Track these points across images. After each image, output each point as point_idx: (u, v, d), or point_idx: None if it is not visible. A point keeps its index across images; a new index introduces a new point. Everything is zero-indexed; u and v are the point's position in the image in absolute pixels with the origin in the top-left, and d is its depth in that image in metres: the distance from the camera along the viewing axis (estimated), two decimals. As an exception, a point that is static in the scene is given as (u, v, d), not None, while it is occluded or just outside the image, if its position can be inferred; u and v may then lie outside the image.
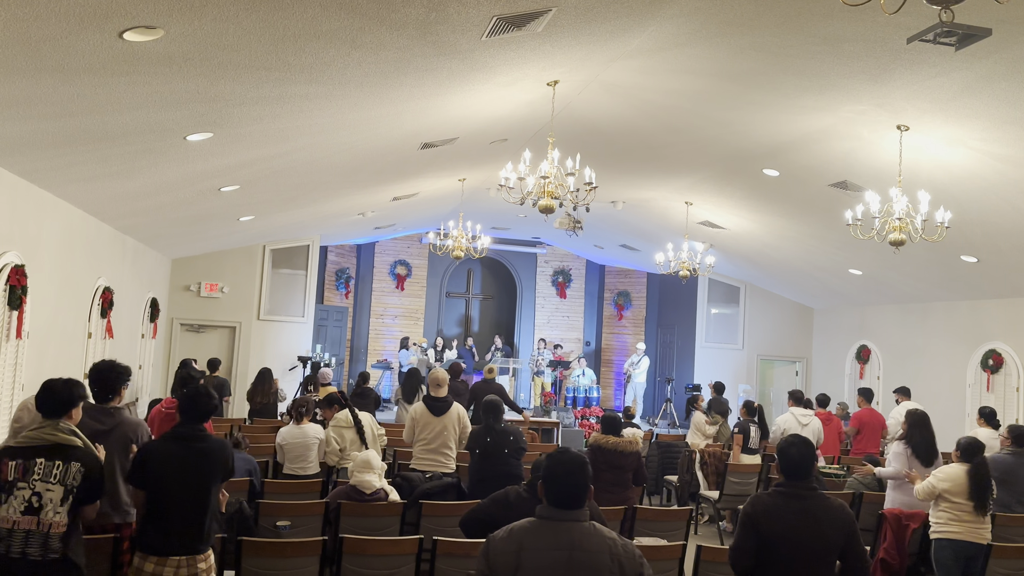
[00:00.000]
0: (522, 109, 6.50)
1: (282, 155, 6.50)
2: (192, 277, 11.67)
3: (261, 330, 12.02)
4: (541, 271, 16.61)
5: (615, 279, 16.71)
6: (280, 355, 12.08)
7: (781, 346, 13.93)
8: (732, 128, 6.57)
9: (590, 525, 2.41)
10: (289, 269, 12.52)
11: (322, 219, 11.02)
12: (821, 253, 10.22)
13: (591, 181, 5.85)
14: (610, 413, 6.20)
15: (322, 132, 6.01)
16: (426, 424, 5.79)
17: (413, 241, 15.90)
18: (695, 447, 8.08)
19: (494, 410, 5.54)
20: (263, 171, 6.99)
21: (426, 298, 15.98)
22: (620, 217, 11.32)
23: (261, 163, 6.62)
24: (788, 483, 3.16)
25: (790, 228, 9.48)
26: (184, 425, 3.45)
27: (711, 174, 8.23)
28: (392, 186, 9.22)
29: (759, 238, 10.39)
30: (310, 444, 6.05)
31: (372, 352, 15.51)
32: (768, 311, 13.92)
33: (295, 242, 12.44)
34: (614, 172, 8.65)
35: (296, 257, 12.58)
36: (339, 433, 6.07)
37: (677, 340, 14.93)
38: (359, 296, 15.69)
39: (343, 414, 6.16)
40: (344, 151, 6.87)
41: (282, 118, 5.34)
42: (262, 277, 12.06)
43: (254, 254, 12.02)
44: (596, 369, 15.89)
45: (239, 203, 8.36)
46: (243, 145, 5.88)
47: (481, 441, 5.40)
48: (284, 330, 12.30)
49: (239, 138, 5.66)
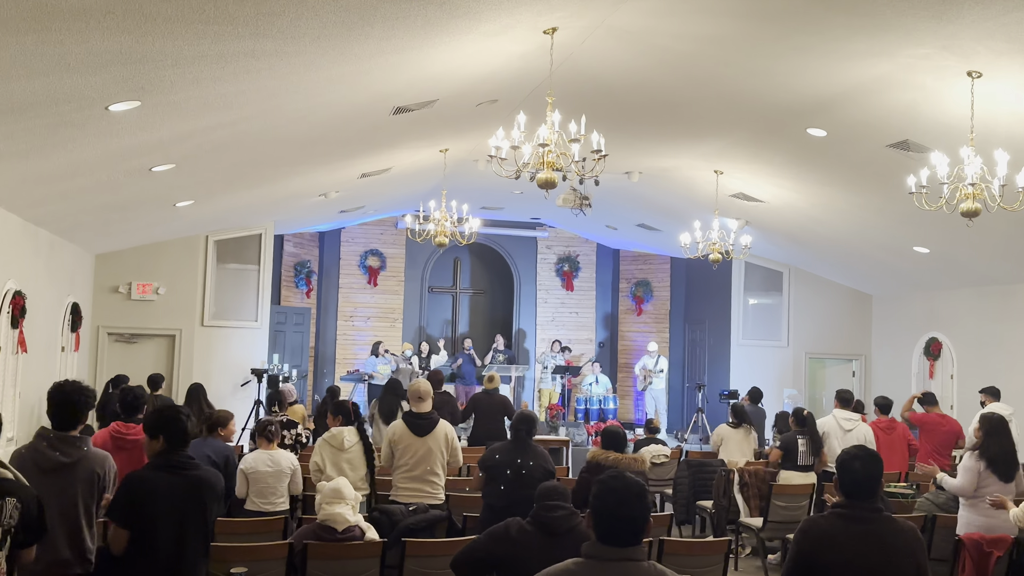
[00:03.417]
0: (514, 63, 6.49)
1: (225, 126, 6.49)
2: (121, 276, 11.65)
3: (206, 338, 12.02)
4: (543, 259, 16.62)
5: (632, 266, 16.74)
6: (229, 368, 12.08)
7: (834, 341, 13.98)
8: (769, 79, 6.57)
9: (650, 565, 2.41)
10: (238, 264, 12.51)
11: (276, 202, 11.00)
12: (880, 228, 10.24)
13: (600, 148, 5.86)
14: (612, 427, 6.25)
15: (273, 97, 6.00)
16: (407, 446, 5.80)
17: (387, 227, 15.90)
18: (733, 465, 8.11)
19: (528, 422, 5.68)
20: (203, 146, 6.97)
21: (405, 295, 16.00)
22: (636, 191, 11.32)
23: (200, 136, 6.61)
24: (849, 503, 3.17)
25: (841, 199, 9.49)
26: (173, 452, 3.53)
27: (745, 136, 8.23)
28: (360, 160, 9.21)
29: (804, 212, 10.40)
30: (283, 474, 6.02)
31: (341, 362, 15.52)
32: (817, 300, 13.96)
33: (244, 231, 12.42)
34: (628, 137, 8.65)
35: (246, 249, 12.56)
36: (328, 457, 5.96)
37: (708, 338, 14.97)
38: (323, 295, 15.69)
39: (345, 433, 6.05)
40: (300, 119, 6.86)
41: (224, 81, 5.33)
42: (205, 274, 12.04)
43: (195, 247, 12.00)
44: (612, 375, 15.94)
45: (175, 185, 8.33)
46: (178, 115, 5.86)
47: (511, 461, 5.49)
48: (234, 338, 12.30)
49: (173, 107, 5.64)
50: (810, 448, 7.73)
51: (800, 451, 7.68)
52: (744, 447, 8.73)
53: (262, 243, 12.63)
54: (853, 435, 7.79)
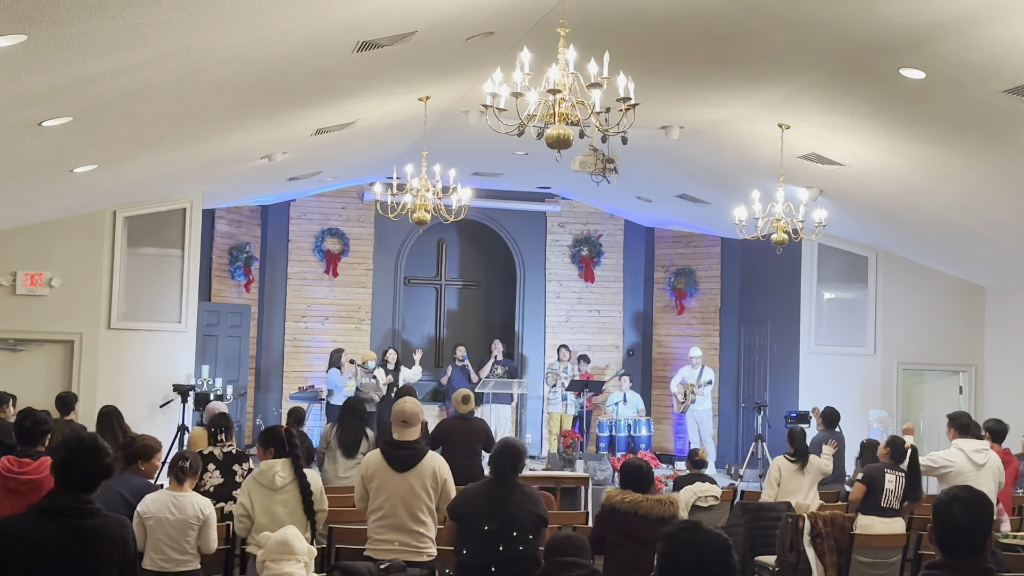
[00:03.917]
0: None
1: (138, 68, 6.49)
2: (2, 264, 11.66)
3: (114, 345, 12.03)
4: (554, 240, 16.63)
5: (671, 250, 16.75)
6: (145, 383, 12.10)
7: (935, 348, 13.98)
8: (850, 6, 6.56)
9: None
10: (155, 248, 12.51)
11: (205, 168, 11.01)
12: (996, 200, 10.23)
13: (628, 95, 5.84)
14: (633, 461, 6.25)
15: (199, 30, 5.99)
16: (382, 484, 5.81)
17: (350, 199, 15.91)
18: (802, 510, 8.13)
19: (512, 456, 5.65)
20: (108, 94, 6.97)
21: (374, 288, 16.01)
22: (677, 152, 11.29)
23: (105, 81, 6.61)
24: (949, 561, 3.18)
25: (945, 161, 9.48)
26: (63, 493, 3.54)
27: (818, 79, 8.22)
28: (314, 112, 9.21)
29: (896, 179, 10.39)
30: (187, 524, 6.02)
31: (291, 376, 15.55)
32: (914, 294, 13.95)
33: (163, 205, 12.42)
34: (665, 80, 8.62)
35: (166, 229, 12.57)
36: (259, 499, 6.01)
37: (770, 343, 14.99)
38: (267, 288, 15.71)
39: (278, 467, 6.12)
40: (235, 59, 6.85)
41: (135, 9, 5.32)
42: (113, 262, 12.05)
43: (99, 225, 12.00)
44: (645, 393, 15.96)
45: (72, 145, 8.33)
46: (75, 54, 5.86)
47: (490, 508, 5.48)
48: (150, 344, 12.31)
49: (68, 43, 5.63)
50: (899, 489, 7.74)
51: (887, 489, 7.68)
52: (803, 486, 8.71)
53: (187, 221, 12.63)
54: (986, 471, 7.77)
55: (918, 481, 7.88)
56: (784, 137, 9.74)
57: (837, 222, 12.28)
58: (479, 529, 5.51)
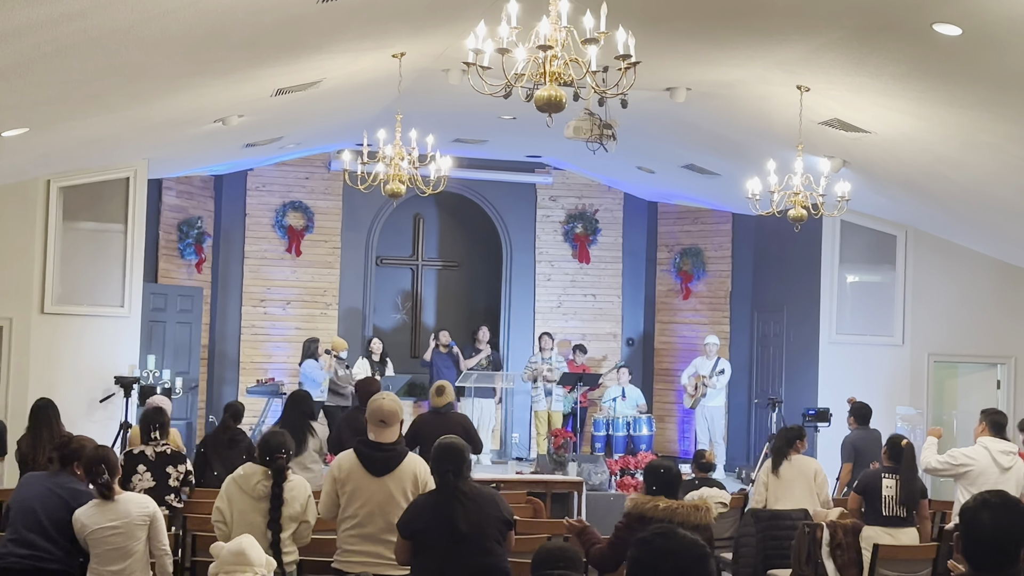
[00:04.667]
0: (502, -75, 6.46)
1: (73, 18, 6.45)
2: (-79, 241, 11.63)
3: (48, 331, 12.01)
4: (545, 216, 16.64)
5: (676, 227, 16.77)
6: (83, 375, 12.09)
7: (971, 338, 14.03)
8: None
9: None
10: (95, 223, 12.48)
11: (151, 132, 10.97)
12: (1038, 172, 10.26)
13: (629, 52, 5.84)
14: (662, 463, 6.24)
15: (144, -26, 5.96)
16: (356, 490, 5.82)
17: (315, 168, 15.88)
18: (820, 518, 8.18)
19: (454, 459, 5.51)
20: (41, 48, 6.93)
21: (341, 269, 16.00)
22: (683, 116, 11.30)
23: (36, 33, 6.57)
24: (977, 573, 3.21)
25: (983, 128, 9.51)
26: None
27: (842, 35, 8.23)
28: (274, 70, 9.18)
29: (928, 147, 10.42)
30: (133, 531, 6.03)
31: (248, 367, 15.54)
32: (947, 277, 14.00)
33: (104, 174, 12.38)
34: (670, 36, 8.63)
35: (106, 201, 12.53)
36: (238, 505, 6.02)
37: (787, 332, 15.04)
38: (221, 268, 15.69)
39: (260, 475, 6.10)
40: (185, 8, 6.82)
41: (71, -50, 5.28)
42: (47, 238, 12.01)
43: (31, 196, 11.96)
44: (646, 388, 16.00)
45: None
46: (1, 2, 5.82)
47: (438, 520, 5.42)
48: (89, 331, 12.30)
49: (-5, -12, 5.60)
50: (899, 494, 7.80)
51: (885, 496, 7.73)
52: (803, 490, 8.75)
53: (130, 192, 12.60)
54: (1012, 475, 7.85)
55: (914, 483, 7.93)
56: (803, 101, 9.75)
57: (862, 196, 12.31)
58: (437, 545, 5.41)
